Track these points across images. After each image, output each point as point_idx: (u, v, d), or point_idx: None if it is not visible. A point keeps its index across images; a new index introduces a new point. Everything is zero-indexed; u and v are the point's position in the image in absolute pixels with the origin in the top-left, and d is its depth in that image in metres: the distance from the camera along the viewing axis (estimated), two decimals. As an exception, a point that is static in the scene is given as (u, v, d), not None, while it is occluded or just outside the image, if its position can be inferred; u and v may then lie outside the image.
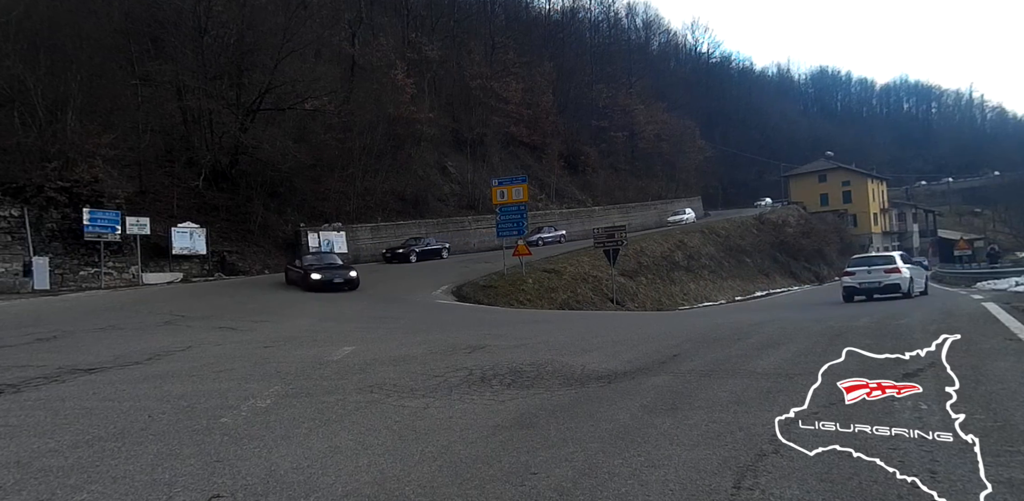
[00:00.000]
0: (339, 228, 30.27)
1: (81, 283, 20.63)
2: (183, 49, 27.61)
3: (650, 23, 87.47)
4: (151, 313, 13.04)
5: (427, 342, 8.76)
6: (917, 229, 77.11)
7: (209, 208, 27.25)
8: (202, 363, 7.09)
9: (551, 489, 3.12)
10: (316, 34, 32.48)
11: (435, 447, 3.90)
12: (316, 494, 3.14)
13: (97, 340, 9.10)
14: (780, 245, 47.55)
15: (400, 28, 45.36)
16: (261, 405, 5.02)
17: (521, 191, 22.37)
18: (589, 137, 56.34)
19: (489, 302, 19.06)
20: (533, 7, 69.52)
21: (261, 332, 10.40)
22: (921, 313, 11.58)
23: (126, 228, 21.50)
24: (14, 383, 5.82)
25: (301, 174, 29.78)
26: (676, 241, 36.83)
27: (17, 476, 3.39)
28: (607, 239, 22.99)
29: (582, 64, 62.62)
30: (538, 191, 43.43)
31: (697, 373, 6.04)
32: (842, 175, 69.75)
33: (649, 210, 51.24)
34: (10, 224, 19.61)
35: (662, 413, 4.59)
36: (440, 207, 38.05)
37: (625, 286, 26.17)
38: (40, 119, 20.65)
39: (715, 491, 3.02)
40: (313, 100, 29.29)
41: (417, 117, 36.98)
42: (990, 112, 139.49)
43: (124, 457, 3.71)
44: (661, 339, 9.00)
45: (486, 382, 5.83)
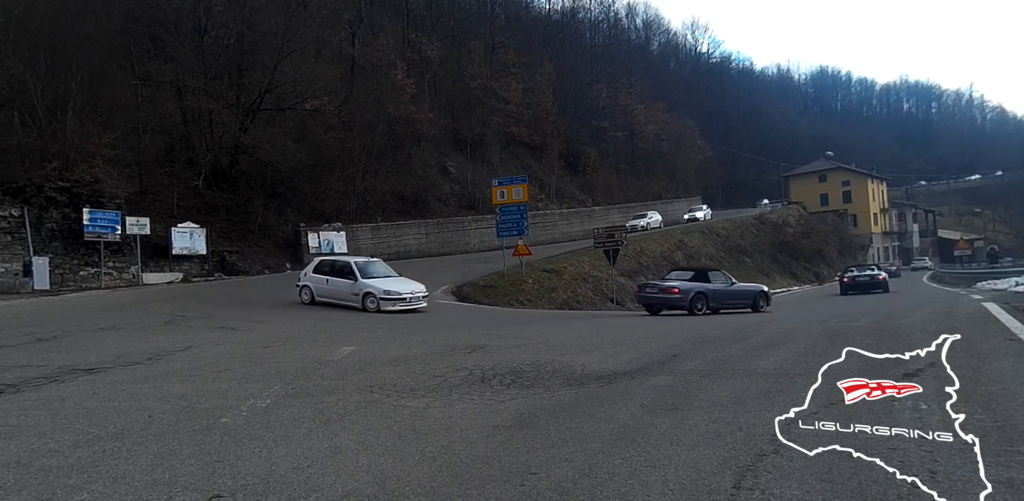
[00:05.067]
0: (339, 228, 30.27)
1: (81, 283, 20.63)
2: (183, 49, 27.61)
3: (650, 23, 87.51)
4: (151, 313, 13.04)
5: (427, 342, 8.76)
6: (917, 229, 77.12)
7: (209, 208, 27.25)
8: (202, 363, 7.09)
9: (551, 489, 3.12)
10: (316, 34, 32.45)
11: (435, 447, 3.90)
12: (316, 494, 3.14)
13: (97, 340, 9.09)
14: (780, 245, 47.52)
15: (400, 28, 45.34)
16: (261, 405, 5.02)
17: (521, 191, 22.36)
18: (589, 137, 56.32)
19: (489, 302, 19.06)
20: (533, 7, 69.55)
21: (261, 332, 10.40)
22: (921, 313, 11.58)
23: (126, 228, 21.50)
24: (14, 383, 5.82)
25: (301, 174, 29.78)
26: (676, 241, 36.81)
27: (17, 476, 3.39)
28: (607, 239, 22.98)
29: (582, 64, 62.59)
30: (538, 191, 43.42)
31: (697, 373, 6.04)
32: (842, 175, 69.76)
33: (649, 210, 51.19)
34: (10, 224, 19.61)
35: (662, 413, 4.59)
36: (440, 207, 38.04)
37: (625, 286, 26.15)
38: (40, 119, 20.65)
39: (715, 491, 3.02)
40: (313, 100, 29.29)
41: (417, 117, 36.97)
42: (990, 112, 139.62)
43: (124, 457, 3.71)
44: (661, 339, 9.00)
45: (486, 382, 5.83)
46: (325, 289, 15.82)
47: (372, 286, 15.35)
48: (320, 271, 16.20)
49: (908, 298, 22.38)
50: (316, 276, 16.08)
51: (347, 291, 15.57)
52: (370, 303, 15.16)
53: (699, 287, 16.38)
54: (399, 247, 33.02)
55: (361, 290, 15.31)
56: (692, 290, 16.09)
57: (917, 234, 76.60)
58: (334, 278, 15.82)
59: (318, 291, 15.85)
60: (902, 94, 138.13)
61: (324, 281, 15.92)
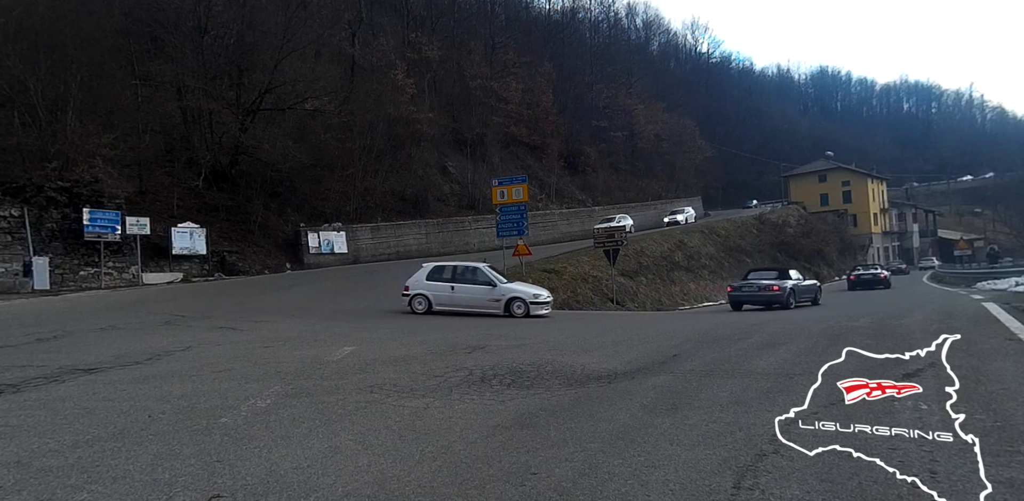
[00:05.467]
0: (339, 228, 30.28)
1: (81, 283, 20.63)
2: (183, 49, 27.61)
3: (650, 23, 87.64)
4: (151, 313, 13.04)
5: (427, 342, 8.76)
6: (917, 229, 77.12)
7: (209, 208, 27.26)
8: (202, 363, 7.09)
9: (551, 489, 3.12)
10: (316, 34, 32.46)
11: (435, 447, 3.90)
12: (316, 494, 3.14)
13: (97, 340, 9.09)
14: (780, 245, 47.53)
15: (400, 28, 45.35)
16: (261, 405, 5.02)
17: (521, 191, 22.34)
18: (589, 137, 56.33)
19: (489, 302, 19.01)
20: (533, 7, 69.57)
21: (261, 332, 10.39)
22: (921, 313, 11.58)
23: (126, 228, 21.50)
24: (14, 383, 5.82)
25: (301, 174, 29.78)
26: (676, 241, 36.82)
27: (17, 476, 3.39)
28: (607, 239, 22.97)
29: (582, 64, 62.62)
30: (538, 191, 43.43)
31: (697, 373, 6.04)
32: (842, 175, 69.76)
33: (649, 210, 51.20)
34: (10, 224, 19.61)
35: (662, 413, 4.59)
36: (440, 207, 38.05)
37: (625, 286, 26.14)
38: (40, 119, 20.65)
39: (715, 491, 3.02)
40: (313, 100, 29.30)
41: (417, 117, 36.98)
42: (990, 112, 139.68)
43: (124, 457, 3.71)
44: (661, 339, 9.00)
45: (486, 382, 5.84)
46: (449, 297, 15.35)
47: (519, 291, 15.45)
48: (437, 278, 15.63)
49: (908, 298, 22.39)
50: (434, 284, 15.48)
51: (483, 297, 15.37)
52: (517, 308, 15.10)
53: (791, 284, 18.80)
54: (399, 247, 33.03)
55: (504, 295, 15.28)
56: (788, 287, 18.41)
57: (917, 234, 76.60)
58: (461, 285, 15.49)
59: (438, 299, 15.34)
60: (902, 94, 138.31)
61: (448, 288, 15.37)
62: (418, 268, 16.19)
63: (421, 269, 15.94)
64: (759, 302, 18.44)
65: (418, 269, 16.08)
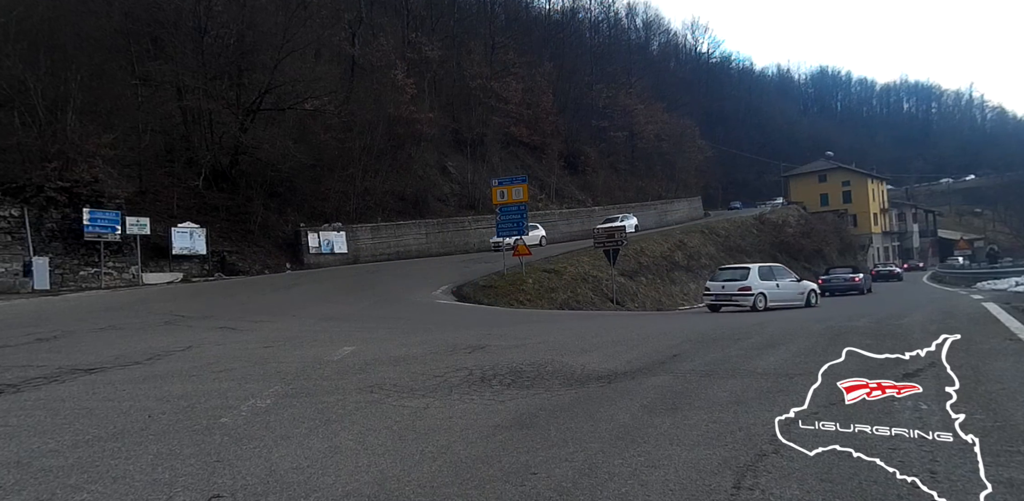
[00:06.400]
0: (339, 228, 30.28)
1: (81, 283, 20.63)
2: (183, 49, 27.61)
3: (650, 23, 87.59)
4: (151, 313, 13.03)
5: (427, 342, 8.75)
6: (917, 229, 77.16)
7: (209, 208, 27.25)
8: (202, 363, 7.08)
9: (551, 489, 3.12)
10: (316, 34, 32.47)
11: (435, 447, 3.90)
12: (316, 494, 3.14)
13: (97, 340, 9.09)
14: (780, 245, 47.56)
15: (400, 28, 45.33)
16: (261, 405, 5.02)
17: (521, 191, 22.33)
18: (589, 137, 56.32)
19: (489, 302, 19.04)
20: (533, 7, 69.54)
21: (261, 332, 10.38)
22: (921, 313, 11.58)
23: (126, 228, 21.51)
24: (14, 383, 5.82)
25: (301, 174, 29.78)
26: (676, 241, 36.85)
27: (17, 476, 3.39)
28: (607, 239, 22.96)
29: (582, 64, 62.57)
30: (538, 191, 43.40)
31: (697, 373, 6.03)
32: (842, 175, 69.79)
33: (649, 210, 51.21)
34: (10, 224, 19.61)
35: (662, 413, 4.59)
36: (440, 207, 38.04)
37: (625, 286, 26.15)
38: (40, 119, 20.65)
39: (715, 491, 3.02)
40: (313, 100, 29.29)
41: (417, 117, 36.96)
42: (990, 112, 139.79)
43: (124, 457, 3.71)
44: (661, 339, 9.00)
45: (486, 382, 5.83)
46: (777, 293, 17.40)
47: (812, 286, 18.91)
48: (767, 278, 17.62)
49: (909, 297, 22.40)
50: (765, 283, 17.35)
51: (794, 291, 18.01)
52: (813, 299, 18.17)
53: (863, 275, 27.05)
54: (399, 247, 33.02)
55: (806, 289, 18.37)
56: (864, 278, 26.83)
57: (917, 234, 76.65)
58: (783, 281, 17.90)
59: (772, 296, 17.22)
60: (902, 94, 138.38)
61: (774, 286, 17.40)
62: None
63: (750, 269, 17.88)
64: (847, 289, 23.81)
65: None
